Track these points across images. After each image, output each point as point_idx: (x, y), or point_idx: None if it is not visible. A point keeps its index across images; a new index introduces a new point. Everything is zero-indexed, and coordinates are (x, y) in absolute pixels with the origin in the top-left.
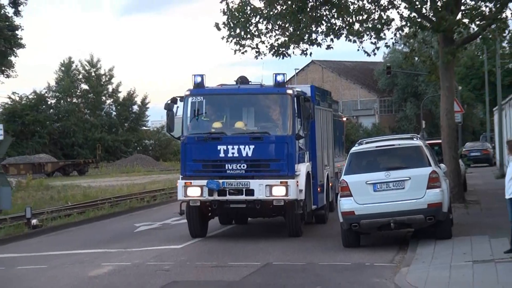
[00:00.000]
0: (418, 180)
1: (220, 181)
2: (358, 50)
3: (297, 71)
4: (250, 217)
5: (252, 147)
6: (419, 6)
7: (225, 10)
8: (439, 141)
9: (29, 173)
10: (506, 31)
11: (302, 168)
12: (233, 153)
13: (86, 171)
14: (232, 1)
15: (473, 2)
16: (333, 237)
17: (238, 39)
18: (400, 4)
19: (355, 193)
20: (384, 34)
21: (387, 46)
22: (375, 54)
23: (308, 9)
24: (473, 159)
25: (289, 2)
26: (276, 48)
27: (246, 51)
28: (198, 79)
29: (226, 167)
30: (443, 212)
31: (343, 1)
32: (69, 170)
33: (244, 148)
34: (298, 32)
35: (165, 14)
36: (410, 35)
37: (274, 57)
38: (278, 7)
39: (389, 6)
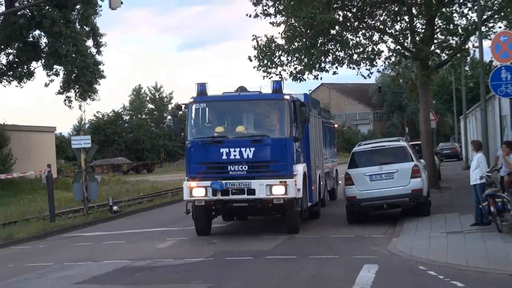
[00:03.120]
0: (403, 172)
1: (223, 181)
2: (357, 74)
3: (310, 91)
4: (251, 215)
5: (252, 149)
6: (402, 40)
7: (256, 46)
8: (419, 142)
9: (110, 172)
10: (468, 58)
11: (300, 169)
12: (235, 155)
13: (153, 170)
14: (260, 40)
15: (443, 37)
16: (339, 217)
17: (265, 68)
18: (388, 39)
19: (356, 182)
20: (376, 62)
21: (378, 71)
22: (369, 77)
23: (318, 45)
24: (445, 155)
25: (304, 40)
26: (294, 74)
27: (272, 77)
28: (201, 88)
29: (229, 169)
30: (423, 196)
31: (344, 38)
32: (140, 169)
33: (245, 151)
34: (311, 62)
35: (210, 50)
36: (396, 63)
37: (293, 81)
38: (296, 43)
39: (380, 41)
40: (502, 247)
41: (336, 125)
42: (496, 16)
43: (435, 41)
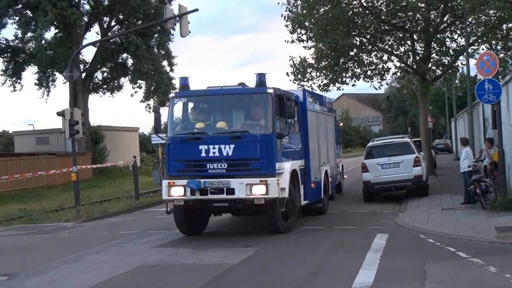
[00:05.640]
0: (407, 162)
1: (202, 180)
2: (370, 86)
3: (333, 100)
4: (234, 215)
5: (232, 146)
6: (405, 60)
7: (292, 65)
8: (419, 139)
9: None
10: (458, 74)
11: (286, 166)
12: (214, 153)
13: None
14: (295, 59)
15: (438, 57)
16: (356, 200)
17: (299, 81)
18: (394, 59)
19: (371, 170)
20: (385, 77)
21: (387, 83)
22: (380, 88)
23: (340, 64)
24: (440, 149)
25: (329, 60)
26: (321, 86)
27: (304, 88)
28: (183, 82)
29: (208, 167)
30: (423, 181)
31: (360, 58)
32: None
33: (224, 148)
34: (334, 77)
35: (257, 68)
36: (401, 77)
37: (321, 92)
38: (323, 62)
39: (388, 60)
40: (486, 221)
41: (341, 124)
42: (479, 40)
43: (432, 60)
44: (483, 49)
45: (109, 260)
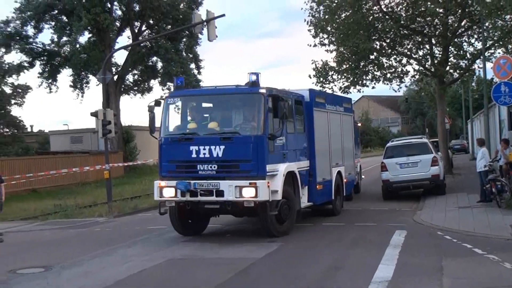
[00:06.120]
0: (425, 162)
1: (192, 182)
2: (389, 88)
3: (354, 102)
4: (231, 215)
5: (222, 147)
6: (424, 63)
7: (314, 68)
8: (437, 139)
9: None
10: (474, 77)
11: (280, 168)
12: (204, 154)
13: None
14: (318, 63)
15: (455, 60)
16: (375, 198)
17: (321, 84)
18: (413, 62)
19: (389, 169)
20: (404, 79)
21: (406, 86)
22: (399, 90)
23: (361, 67)
24: (456, 149)
25: (350, 63)
26: (342, 88)
27: (326, 91)
28: (178, 81)
29: (198, 168)
30: (440, 180)
31: (380, 61)
32: None
33: (215, 149)
34: (355, 80)
35: (280, 71)
36: (419, 80)
37: (341, 93)
38: (344, 65)
39: (407, 64)
40: (501, 219)
41: (359, 124)
42: (496, 44)
43: (449, 63)
44: (499, 53)
45: (140, 254)
